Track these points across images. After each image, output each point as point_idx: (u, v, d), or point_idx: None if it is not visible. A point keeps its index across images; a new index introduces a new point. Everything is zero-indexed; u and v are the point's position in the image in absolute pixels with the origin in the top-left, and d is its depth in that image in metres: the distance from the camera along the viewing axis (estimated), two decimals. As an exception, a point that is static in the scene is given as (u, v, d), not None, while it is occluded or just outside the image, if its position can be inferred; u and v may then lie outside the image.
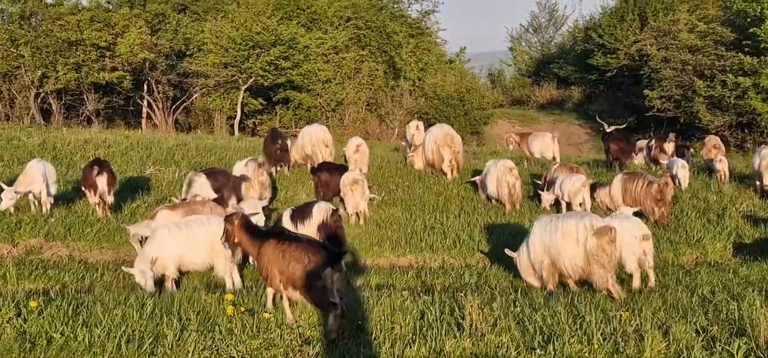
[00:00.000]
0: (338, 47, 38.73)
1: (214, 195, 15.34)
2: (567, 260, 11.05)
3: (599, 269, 10.77)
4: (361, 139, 21.53)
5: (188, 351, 7.69)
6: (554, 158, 21.81)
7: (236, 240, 9.39)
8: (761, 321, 7.87)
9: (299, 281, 8.36)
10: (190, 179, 16.18)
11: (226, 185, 16.03)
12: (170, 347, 7.77)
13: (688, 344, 7.65)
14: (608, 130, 23.71)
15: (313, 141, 20.42)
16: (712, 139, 22.94)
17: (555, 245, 11.16)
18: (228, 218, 9.53)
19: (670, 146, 22.66)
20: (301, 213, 13.25)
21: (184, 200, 14.88)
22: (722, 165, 20.12)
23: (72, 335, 7.94)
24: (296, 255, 8.49)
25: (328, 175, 17.64)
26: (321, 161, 19.49)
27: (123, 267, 11.32)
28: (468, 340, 7.81)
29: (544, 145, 22.33)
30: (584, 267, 10.95)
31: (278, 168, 20.55)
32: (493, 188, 17.80)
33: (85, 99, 35.61)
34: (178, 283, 11.14)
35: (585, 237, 10.86)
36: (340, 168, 17.91)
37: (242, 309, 8.72)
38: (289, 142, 21.19)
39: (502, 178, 17.56)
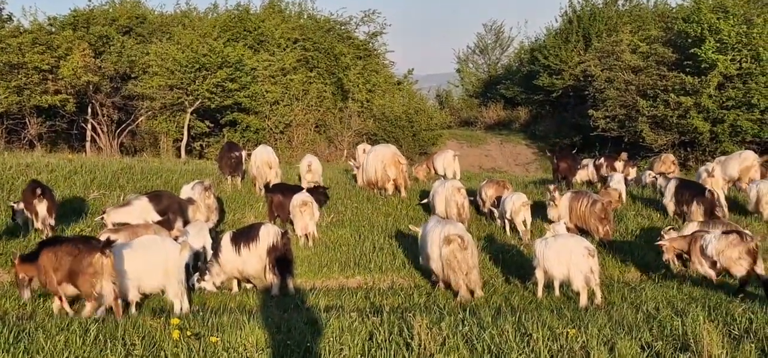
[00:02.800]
0: (286, 69, 38.64)
1: (157, 218, 15.20)
2: (434, 263, 12.97)
3: (451, 272, 12.55)
4: (313, 156, 21.79)
5: (133, 377, 7.56)
6: (455, 175, 22.04)
7: (21, 276, 10.81)
8: (705, 336, 7.97)
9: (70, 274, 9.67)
10: (128, 201, 16.06)
11: (171, 207, 15.87)
12: (114, 373, 7.62)
13: (633, 360, 7.73)
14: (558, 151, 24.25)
15: (257, 162, 20.48)
16: (670, 156, 23.77)
17: (425, 252, 13.29)
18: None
19: (620, 165, 23.10)
20: (247, 236, 13.02)
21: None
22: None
23: (12, 363, 7.75)
24: (67, 250, 10.16)
25: (282, 196, 17.58)
26: (275, 183, 19.46)
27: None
28: (416, 360, 7.79)
29: (446, 162, 22.59)
30: (446, 273, 12.69)
31: (233, 177, 21.00)
32: (441, 208, 17.84)
33: (28, 123, 35.00)
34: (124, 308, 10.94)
35: (439, 245, 12.64)
36: (295, 189, 17.86)
37: (188, 333, 8.59)
38: (244, 154, 21.65)
39: (450, 198, 17.69)
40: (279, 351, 8.15)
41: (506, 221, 17.49)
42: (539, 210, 18.12)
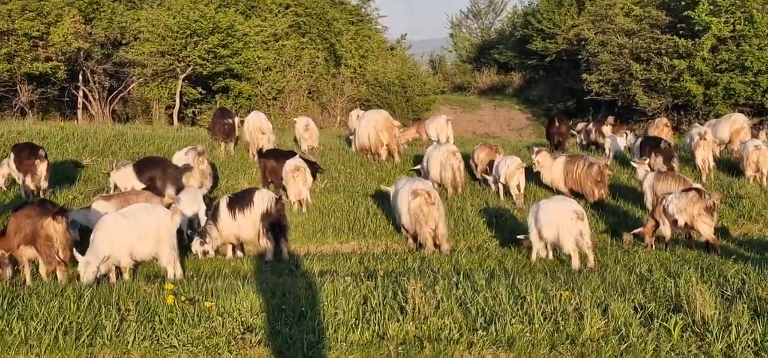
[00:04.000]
0: (278, 35, 38.44)
1: (141, 185, 15.24)
2: (404, 218, 13.93)
3: (418, 226, 13.59)
4: (309, 118, 21.87)
5: (128, 342, 7.56)
6: (448, 140, 22.02)
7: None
8: (697, 297, 8.01)
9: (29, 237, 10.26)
10: (117, 167, 16.16)
11: (160, 174, 15.86)
12: (109, 338, 7.63)
13: (626, 321, 7.76)
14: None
15: (250, 129, 20.48)
16: (663, 120, 23.95)
17: (397, 208, 14.23)
18: None
19: (607, 129, 23.17)
20: (241, 201, 13.02)
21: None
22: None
23: (7, 329, 7.75)
24: (26, 213, 10.68)
25: (275, 161, 17.57)
26: (269, 148, 19.44)
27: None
28: (411, 323, 7.81)
29: (439, 127, 22.51)
30: (413, 225, 13.67)
31: (226, 144, 21.02)
32: (436, 173, 17.88)
33: (19, 90, 34.75)
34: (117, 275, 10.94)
35: (408, 200, 13.61)
36: (288, 154, 17.82)
37: (183, 299, 8.60)
38: (237, 120, 21.67)
39: (446, 162, 17.72)
40: (274, 315, 8.18)
41: (500, 185, 17.50)
42: (534, 174, 18.13)
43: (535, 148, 18.43)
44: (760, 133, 23.04)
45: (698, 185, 14.69)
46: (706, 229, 13.08)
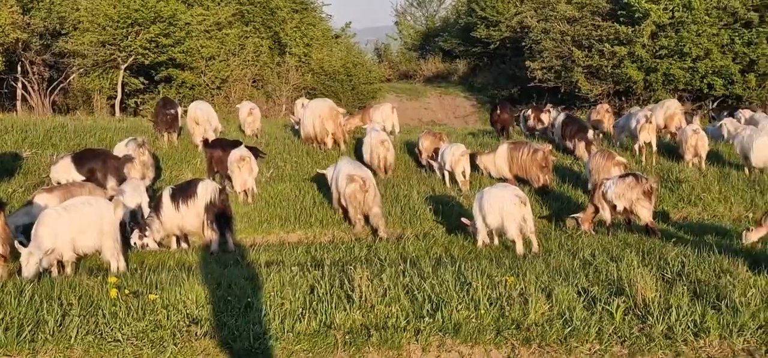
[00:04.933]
0: (221, 23, 38.05)
1: (80, 178, 15.01)
2: (342, 200, 14.75)
3: (351, 208, 14.52)
4: (252, 102, 22.33)
5: (70, 337, 7.44)
6: (394, 128, 22.17)
7: None
8: (638, 280, 8.16)
9: None
10: (55, 160, 15.92)
11: (100, 166, 15.61)
12: (51, 333, 7.50)
13: (570, 305, 7.87)
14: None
15: (187, 119, 20.39)
16: (604, 106, 24.57)
17: (335, 191, 15.07)
18: None
19: (546, 116, 23.47)
20: (185, 192, 12.87)
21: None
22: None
23: (-55, 327, 7.59)
24: None
25: (222, 151, 17.42)
26: (214, 138, 19.34)
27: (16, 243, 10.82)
28: (358, 312, 7.82)
29: (385, 115, 22.56)
30: (347, 206, 14.59)
31: (169, 134, 20.78)
32: (367, 157, 18.43)
33: (-45, 83, 33.97)
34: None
35: (344, 185, 14.42)
36: (234, 144, 17.68)
37: (127, 292, 8.50)
38: (180, 110, 21.44)
39: (374, 149, 18.29)
40: (219, 307, 8.13)
41: (446, 172, 17.63)
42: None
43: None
44: (693, 118, 23.53)
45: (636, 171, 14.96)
46: (645, 213, 13.33)
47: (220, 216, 12.77)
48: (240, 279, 9.17)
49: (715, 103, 33.26)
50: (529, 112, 24.51)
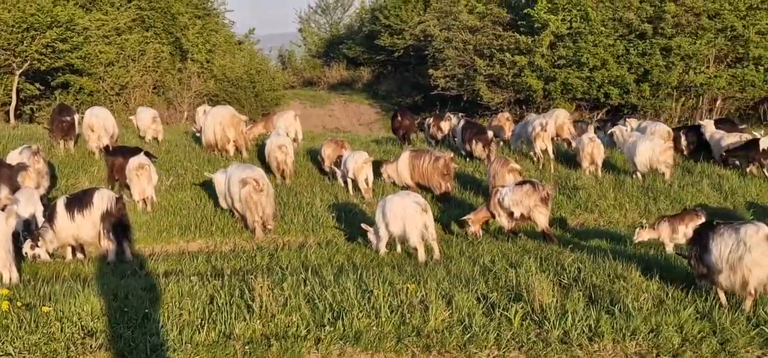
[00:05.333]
0: (121, 29, 37.21)
1: None
2: (236, 203, 14.91)
3: (248, 211, 14.62)
4: (152, 109, 22.80)
5: (-43, 352, 7.18)
6: (297, 135, 22.20)
7: None
8: (536, 286, 8.34)
9: None
10: None
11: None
12: (-63, 349, 7.22)
13: (470, 311, 7.97)
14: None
15: (83, 125, 20.07)
16: (505, 114, 25.53)
17: (231, 194, 15.02)
18: None
19: (446, 124, 23.84)
20: (80, 201, 12.50)
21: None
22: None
23: None
24: None
25: (123, 158, 17.05)
26: (115, 145, 19.00)
27: None
28: (258, 321, 7.76)
29: (288, 122, 22.50)
30: (243, 209, 14.70)
31: (65, 141, 20.31)
32: (267, 161, 18.82)
33: None
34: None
35: (238, 189, 14.57)
36: (135, 151, 17.32)
37: (19, 304, 8.24)
38: (77, 117, 20.89)
39: (271, 154, 18.67)
40: (116, 318, 7.96)
41: (349, 179, 17.65)
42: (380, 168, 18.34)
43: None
44: (588, 127, 24.16)
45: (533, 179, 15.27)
46: (542, 219, 13.65)
47: (118, 225, 12.47)
48: (137, 290, 9.00)
49: (606, 112, 34.16)
50: (430, 120, 24.85)
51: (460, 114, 25.77)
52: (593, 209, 16.63)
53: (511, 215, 13.76)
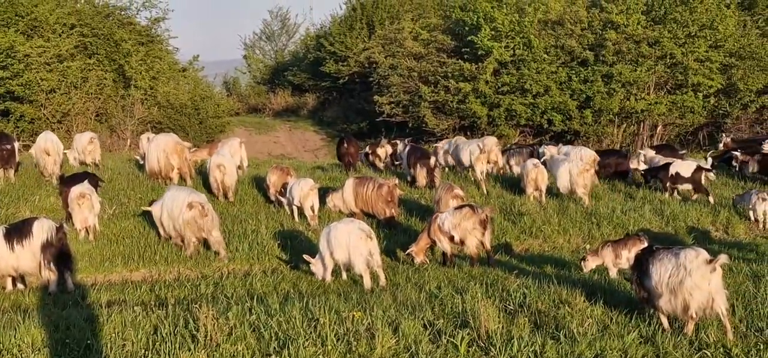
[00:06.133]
0: (62, 56, 36.67)
1: None
2: (174, 223, 15.17)
3: (188, 233, 14.92)
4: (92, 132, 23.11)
5: None
6: (242, 162, 22.19)
7: None
8: (482, 312, 8.37)
9: None
10: None
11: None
12: None
13: (416, 339, 7.98)
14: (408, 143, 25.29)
15: (36, 150, 19.83)
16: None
17: (172, 214, 15.20)
18: None
19: (383, 151, 24.10)
20: (19, 231, 12.28)
21: None
22: None
23: None
24: None
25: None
26: (71, 174, 18.90)
27: None
28: (203, 351, 7.67)
29: (233, 149, 22.40)
30: (185, 233, 14.95)
31: (5, 170, 20.24)
32: (211, 181, 19.38)
33: None
34: None
35: (181, 211, 14.87)
36: (85, 177, 17.24)
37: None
38: (18, 144, 20.91)
39: (211, 172, 19.08)
40: (57, 350, 7.83)
41: (294, 207, 17.58)
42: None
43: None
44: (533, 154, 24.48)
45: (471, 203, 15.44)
46: (474, 243, 13.76)
47: (59, 255, 12.27)
48: (79, 320, 8.87)
49: (549, 137, 34.57)
50: (368, 148, 25.18)
51: (406, 140, 25.95)
52: (538, 235, 16.81)
53: (451, 238, 13.83)
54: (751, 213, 17.32)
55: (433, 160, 20.86)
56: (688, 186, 19.54)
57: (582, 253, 14.50)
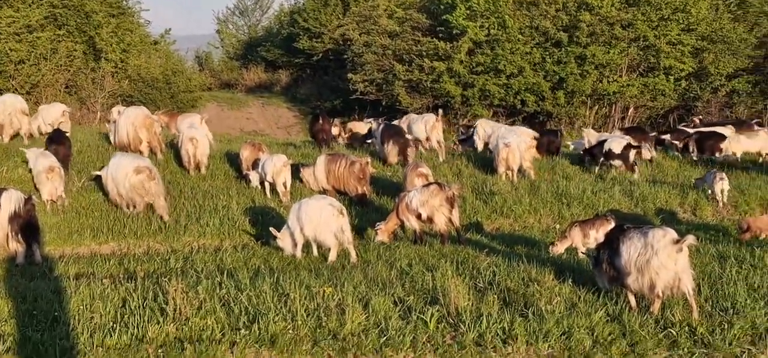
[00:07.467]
0: (32, 26, 36.22)
1: None
2: (123, 190, 15.80)
3: (137, 197, 15.66)
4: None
5: None
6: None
7: None
8: (452, 289, 8.41)
9: None
10: None
11: None
12: None
13: (386, 315, 8.00)
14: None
15: (9, 110, 19.77)
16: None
17: (116, 179, 15.86)
18: None
19: (336, 130, 24.64)
20: (-13, 202, 12.23)
21: None
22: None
23: None
24: None
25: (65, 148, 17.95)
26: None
27: None
28: (172, 324, 7.64)
29: (194, 125, 22.20)
30: (132, 197, 15.71)
31: None
32: (182, 154, 19.57)
33: None
34: None
35: (126, 176, 15.53)
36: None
37: None
38: None
39: (183, 145, 19.33)
40: (24, 321, 7.77)
41: (267, 182, 17.54)
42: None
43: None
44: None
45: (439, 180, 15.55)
46: (443, 220, 13.76)
47: (26, 227, 12.18)
48: (47, 292, 8.81)
49: (522, 119, 34.73)
50: (337, 125, 25.48)
51: (380, 119, 25.96)
52: (508, 214, 16.87)
53: (419, 216, 13.83)
54: (709, 192, 17.59)
55: (405, 138, 20.86)
56: (619, 162, 20.41)
57: (552, 233, 14.61)
